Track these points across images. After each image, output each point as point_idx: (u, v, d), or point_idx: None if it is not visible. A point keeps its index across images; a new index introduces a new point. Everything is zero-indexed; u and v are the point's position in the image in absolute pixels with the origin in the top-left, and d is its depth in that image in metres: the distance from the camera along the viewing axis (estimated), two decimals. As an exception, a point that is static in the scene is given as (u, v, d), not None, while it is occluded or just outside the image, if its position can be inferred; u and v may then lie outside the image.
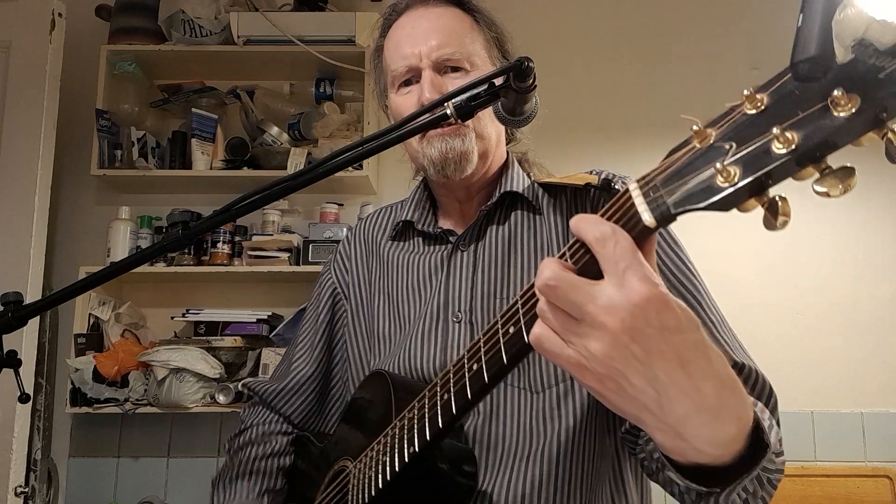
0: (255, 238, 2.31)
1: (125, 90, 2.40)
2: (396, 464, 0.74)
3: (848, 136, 0.42)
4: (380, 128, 0.76)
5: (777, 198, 0.46)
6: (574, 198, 0.98)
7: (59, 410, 2.33)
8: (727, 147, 0.47)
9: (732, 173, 0.45)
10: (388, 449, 0.77)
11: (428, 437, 0.70)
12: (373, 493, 0.78)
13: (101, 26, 2.45)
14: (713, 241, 2.36)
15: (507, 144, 1.06)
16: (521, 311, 0.58)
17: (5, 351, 0.78)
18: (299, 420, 1.09)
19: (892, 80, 0.41)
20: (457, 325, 0.93)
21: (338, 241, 2.25)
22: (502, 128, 1.01)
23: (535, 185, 1.01)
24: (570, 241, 0.54)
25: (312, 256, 2.24)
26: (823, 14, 0.43)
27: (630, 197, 0.51)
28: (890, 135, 0.42)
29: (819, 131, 0.43)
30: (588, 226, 0.51)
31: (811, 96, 0.44)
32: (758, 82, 0.48)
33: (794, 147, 0.43)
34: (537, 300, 0.54)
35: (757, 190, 0.45)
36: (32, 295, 2.05)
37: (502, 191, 0.99)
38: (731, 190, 0.45)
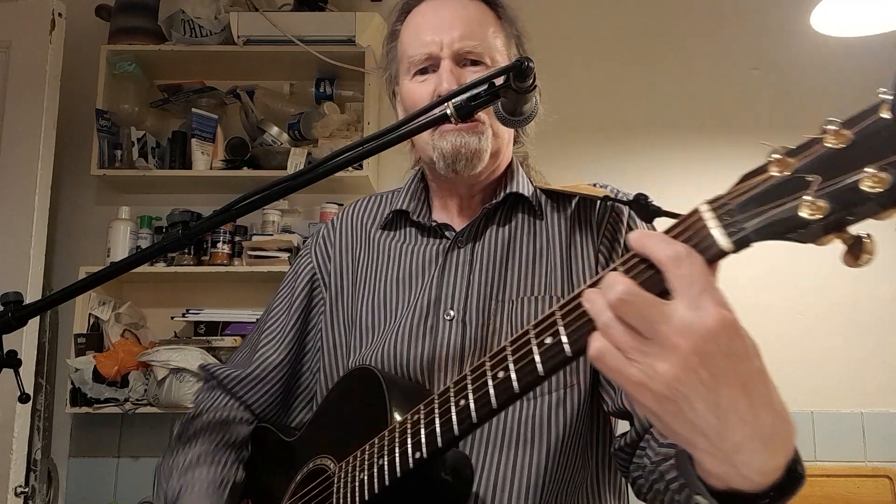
0: (255, 238, 2.31)
1: (125, 90, 2.40)
2: (398, 468, 0.71)
3: None
4: (380, 128, 0.76)
5: (863, 237, 0.46)
6: (578, 208, 0.96)
7: (59, 410, 2.33)
8: (810, 179, 0.46)
9: (821, 206, 0.45)
10: (387, 452, 0.73)
11: (440, 444, 0.67)
12: (366, 497, 0.74)
13: (101, 26, 2.45)
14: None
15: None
16: (560, 323, 0.56)
17: (5, 351, 0.78)
18: (261, 410, 1.03)
19: None
20: (448, 322, 0.91)
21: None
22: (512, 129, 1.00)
23: (539, 190, 1.00)
24: (625, 256, 0.53)
25: (312, 256, 2.23)
26: None
27: (701, 219, 0.50)
28: None
29: None
30: (657, 244, 0.50)
31: None
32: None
33: (886, 188, 0.43)
34: (579, 311, 0.53)
35: (837, 226, 0.46)
36: (32, 295, 2.05)
37: (508, 191, 0.97)
38: (818, 223, 0.46)
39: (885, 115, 0.45)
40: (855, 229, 0.46)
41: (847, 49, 2.42)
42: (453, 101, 0.75)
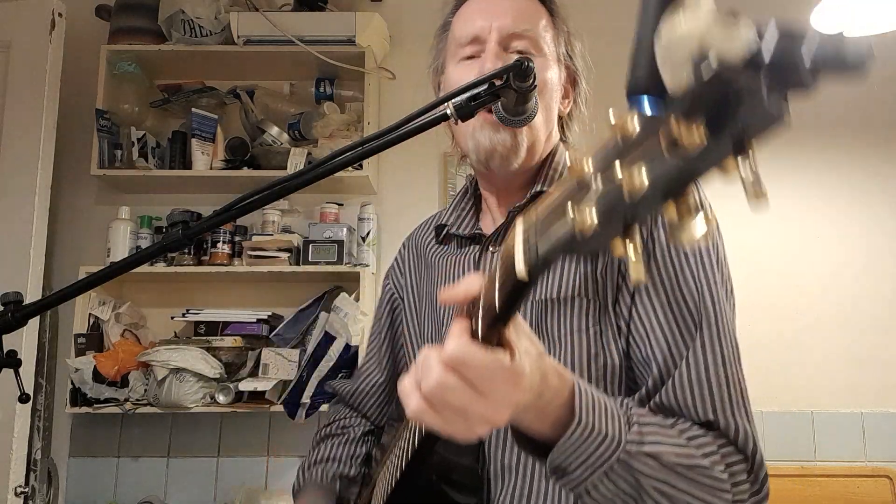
0: (255, 238, 2.31)
1: (125, 90, 2.40)
2: (392, 483, 0.78)
3: (699, 171, 0.36)
4: (380, 128, 0.76)
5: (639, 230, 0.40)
6: None
7: (59, 410, 2.33)
8: (595, 185, 0.40)
9: (587, 217, 0.39)
10: (391, 466, 0.80)
11: (403, 467, 0.74)
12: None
13: (101, 26, 2.45)
14: (713, 241, 2.36)
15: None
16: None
17: (5, 351, 0.78)
18: (376, 417, 1.14)
19: (744, 95, 0.35)
20: None
21: (338, 241, 2.25)
22: (555, 126, 0.99)
23: None
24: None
25: (312, 256, 2.24)
26: (645, 41, 0.38)
27: (514, 239, 0.47)
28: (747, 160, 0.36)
29: (663, 167, 0.36)
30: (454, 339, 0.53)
31: (651, 130, 0.38)
32: None
33: (642, 186, 0.37)
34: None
35: (622, 230, 0.39)
36: (32, 295, 2.05)
37: (535, 190, 0.94)
38: (588, 237, 0.39)
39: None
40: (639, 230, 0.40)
41: (847, 49, 2.42)
42: (453, 101, 0.75)
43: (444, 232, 1.05)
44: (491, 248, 0.97)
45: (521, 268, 0.45)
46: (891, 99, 2.48)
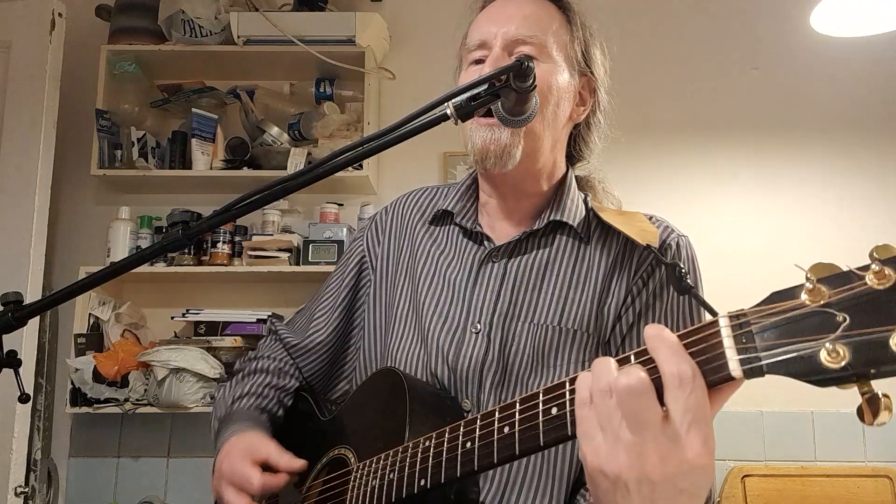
0: (255, 238, 2.31)
1: (125, 90, 2.40)
2: (404, 490, 0.74)
3: None
4: (380, 128, 0.76)
5: (881, 394, 0.42)
6: (626, 243, 0.95)
7: (59, 410, 2.33)
8: (840, 319, 0.42)
9: (841, 354, 0.41)
10: (397, 470, 0.76)
11: (443, 479, 0.69)
12: None
13: (101, 26, 2.45)
14: (713, 241, 2.36)
15: (573, 164, 1.04)
16: (568, 397, 0.58)
17: (5, 351, 0.78)
18: (309, 376, 1.11)
19: None
20: (475, 335, 0.92)
21: (338, 242, 2.25)
22: (561, 134, 0.99)
23: (591, 213, 0.98)
24: (640, 348, 0.54)
25: (312, 256, 2.24)
26: None
27: (719, 335, 0.49)
28: None
29: None
30: (667, 356, 0.51)
31: None
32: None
33: None
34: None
35: (859, 378, 0.42)
36: (32, 295, 2.05)
37: (552, 218, 0.95)
38: (835, 374, 0.42)
39: None
40: (876, 384, 0.42)
41: (847, 49, 2.42)
42: (453, 101, 0.75)
43: (449, 218, 1.03)
44: (493, 259, 0.96)
45: (736, 370, 0.48)
46: (891, 99, 2.48)
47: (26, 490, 2.05)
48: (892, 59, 2.46)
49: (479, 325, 0.92)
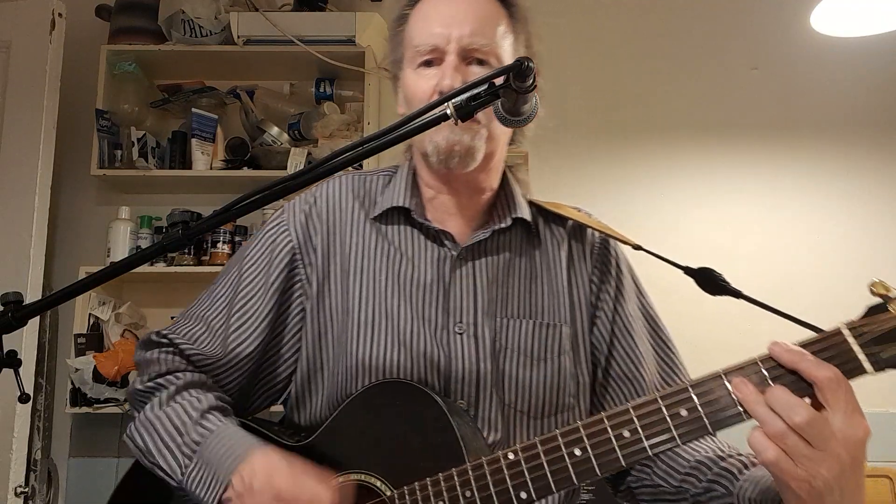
0: (255, 238, 2.31)
1: (125, 90, 2.40)
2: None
3: None
4: (380, 128, 0.76)
5: None
6: (574, 230, 1.00)
7: (59, 410, 2.33)
8: None
9: None
10: (481, 488, 0.76)
11: (553, 489, 0.75)
12: None
13: (101, 26, 2.45)
14: (713, 242, 2.36)
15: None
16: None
17: (5, 351, 0.78)
18: (226, 392, 0.95)
19: None
20: (460, 336, 0.91)
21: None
22: (510, 131, 0.99)
23: (532, 206, 1.00)
24: (770, 364, 0.70)
25: (312, 256, 2.23)
26: None
27: (846, 342, 0.69)
28: None
29: None
30: (813, 366, 0.67)
31: None
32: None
33: None
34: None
35: None
36: (32, 295, 2.05)
37: (515, 215, 0.97)
38: None
39: None
40: None
41: (847, 49, 2.42)
42: (453, 100, 0.75)
43: (402, 215, 0.97)
44: (463, 259, 0.94)
45: (868, 366, 0.69)
46: (891, 99, 2.48)
47: (26, 490, 2.05)
48: (893, 59, 2.46)
49: (462, 326, 0.92)
